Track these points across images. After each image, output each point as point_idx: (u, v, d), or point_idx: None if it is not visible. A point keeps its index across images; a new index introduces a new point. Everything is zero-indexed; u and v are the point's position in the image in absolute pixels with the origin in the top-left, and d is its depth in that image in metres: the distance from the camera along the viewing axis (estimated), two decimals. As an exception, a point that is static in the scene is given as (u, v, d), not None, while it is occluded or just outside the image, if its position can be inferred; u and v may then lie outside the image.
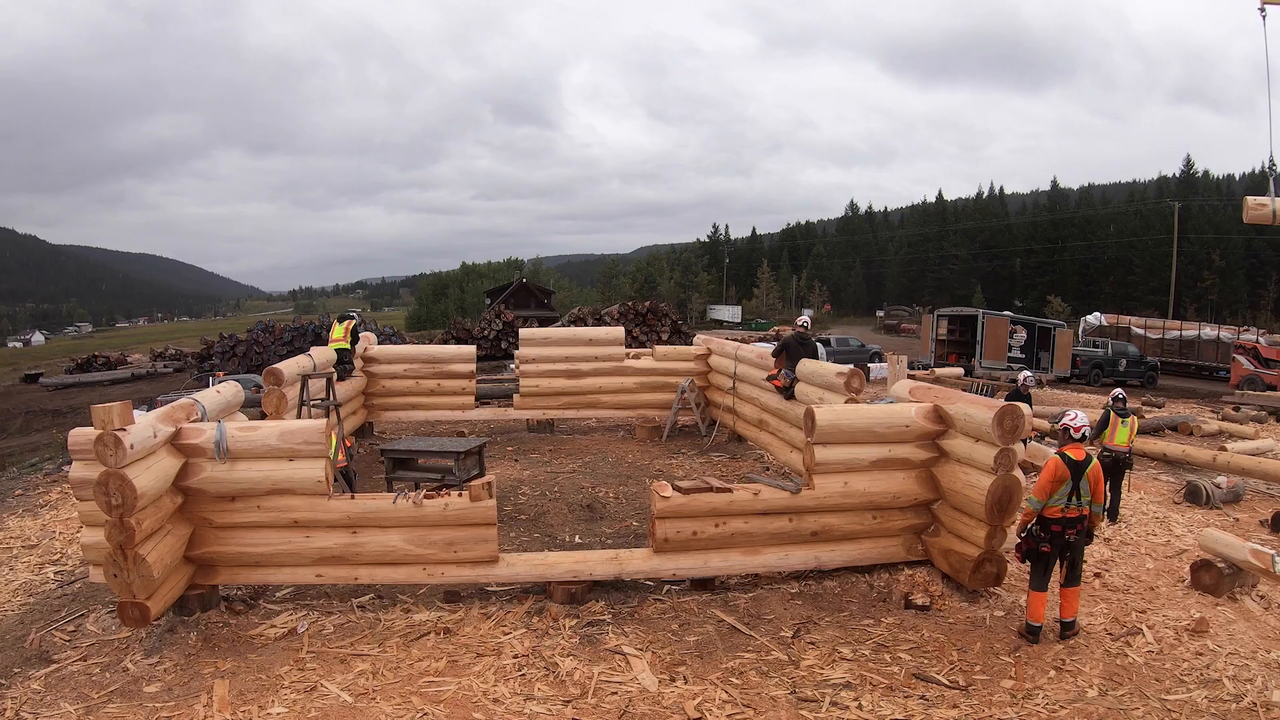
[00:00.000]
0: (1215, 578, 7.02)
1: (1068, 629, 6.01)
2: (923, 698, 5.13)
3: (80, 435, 5.91)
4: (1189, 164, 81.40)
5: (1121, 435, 9.55)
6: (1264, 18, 8.97)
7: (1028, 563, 6.05)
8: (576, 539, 8.31)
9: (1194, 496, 10.28)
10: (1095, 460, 6.07)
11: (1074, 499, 5.90)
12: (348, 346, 12.69)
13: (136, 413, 5.94)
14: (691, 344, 16.05)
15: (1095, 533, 6.44)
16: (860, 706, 5.02)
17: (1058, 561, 6.04)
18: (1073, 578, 6.07)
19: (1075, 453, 5.95)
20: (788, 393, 10.56)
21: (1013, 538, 6.28)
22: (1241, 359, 28.13)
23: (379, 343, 15.24)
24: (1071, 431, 6.09)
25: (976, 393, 11.19)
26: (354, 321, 13.16)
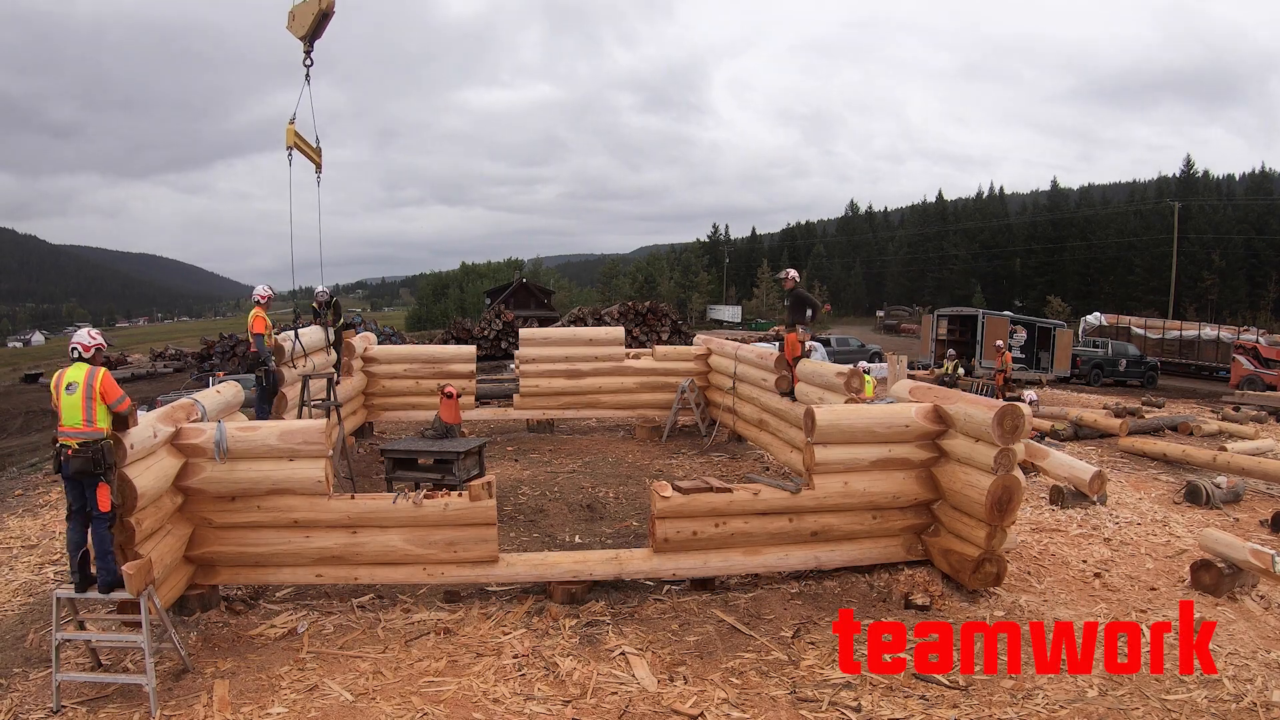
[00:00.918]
0: (1215, 578, 7.02)
1: None
2: (923, 698, 5.13)
3: (80, 435, 5.90)
4: (1189, 164, 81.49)
5: None
6: None
7: None
8: (576, 539, 8.31)
9: (1194, 496, 10.27)
10: None
11: None
12: (263, 335, 9.86)
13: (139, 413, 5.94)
14: (691, 344, 16.06)
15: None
16: (860, 707, 5.02)
17: None
18: None
19: None
20: (788, 388, 10.57)
21: (1012, 538, 6.28)
22: (1241, 359, 28.13)
23: (379, 342, 15.25)
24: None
25: (977, 392, 11.19)
26: (262, 305, 10.20)
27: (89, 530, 5.29)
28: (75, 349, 5.34)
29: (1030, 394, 11.04)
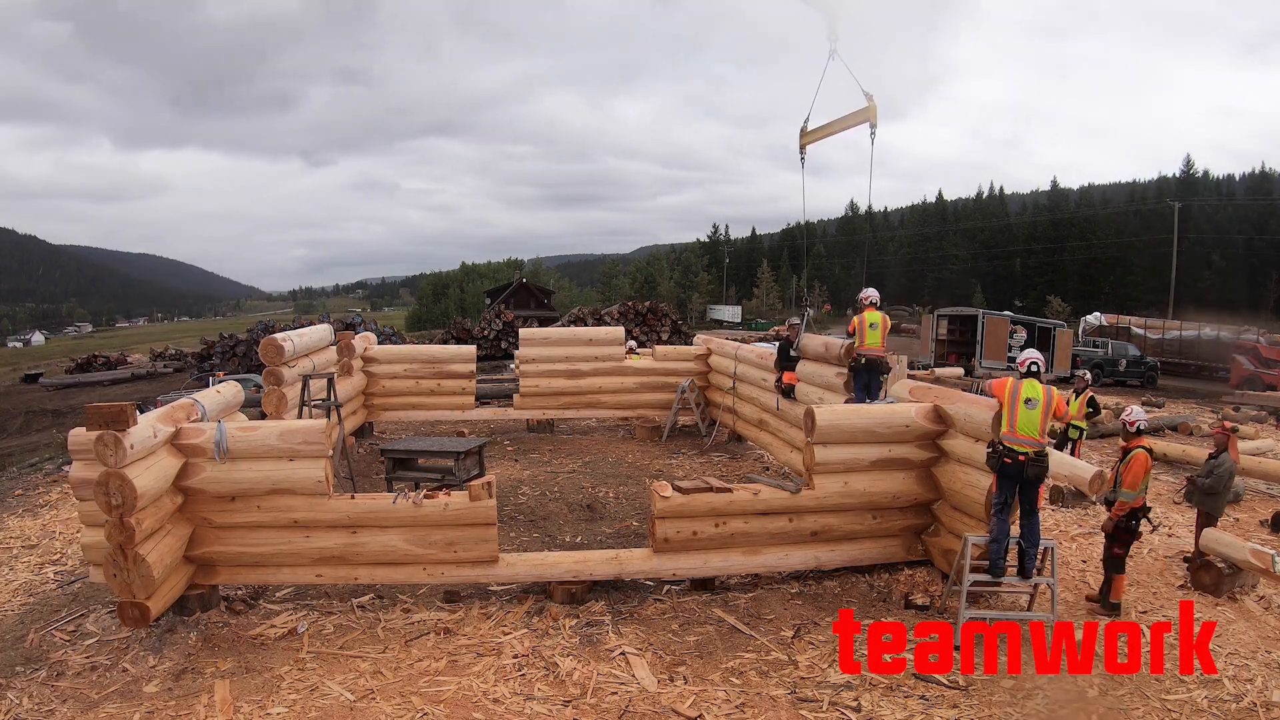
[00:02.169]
0: (1215, 578, 7.02)
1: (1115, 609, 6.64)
2: (923, 698, 5.13)
3: (80, 435, 5.91)
4: (1189, 164, 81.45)
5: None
6: None
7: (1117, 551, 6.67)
8: (577, 539, 8.31)
9: (1194, 497, 10.26)
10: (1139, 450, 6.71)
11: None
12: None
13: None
14: (691, 344, 16.06)
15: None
16: (860, 707, 5.02)
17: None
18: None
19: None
20: (788, 392, 10.55)
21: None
22: (1241, 359, 28.13)
23: (379, 342, 15.25)
24: (1127, 425, 6.96)
25: (976, 393, 11.17)
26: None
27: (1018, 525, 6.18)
28: (1033, 365, 6.31)
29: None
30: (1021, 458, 5.96)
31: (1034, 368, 6.35)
